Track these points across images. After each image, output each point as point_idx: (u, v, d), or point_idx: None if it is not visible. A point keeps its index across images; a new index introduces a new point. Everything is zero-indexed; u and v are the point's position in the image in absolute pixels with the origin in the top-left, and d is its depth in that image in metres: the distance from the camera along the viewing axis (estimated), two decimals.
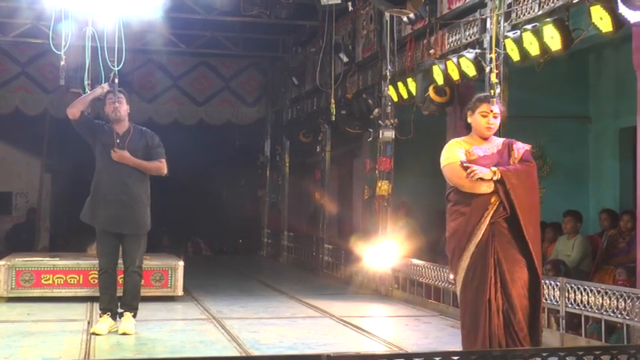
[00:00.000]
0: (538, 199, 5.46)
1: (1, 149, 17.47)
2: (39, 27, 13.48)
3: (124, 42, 7.45)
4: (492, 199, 5.19)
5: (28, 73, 15.87)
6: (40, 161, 17.70)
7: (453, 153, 5.33)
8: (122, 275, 7.34)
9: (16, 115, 15.93)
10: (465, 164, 5.22)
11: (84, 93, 7.92)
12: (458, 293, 5.40)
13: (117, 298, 7.29)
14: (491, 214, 5.18)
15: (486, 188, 5.18)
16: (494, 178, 5.16)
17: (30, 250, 13.66)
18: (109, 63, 7.47)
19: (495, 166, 5.23)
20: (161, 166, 7.33)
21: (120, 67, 7.43)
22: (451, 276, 5.57)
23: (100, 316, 7.22)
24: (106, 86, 7.29)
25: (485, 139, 5.42)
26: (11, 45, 15.29)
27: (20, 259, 9.32)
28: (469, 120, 5.47)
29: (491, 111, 5.40)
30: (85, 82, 7.97)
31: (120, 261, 7.31)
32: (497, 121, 5.44)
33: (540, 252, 5.34)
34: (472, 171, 5.16)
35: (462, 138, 5.50)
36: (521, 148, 5.37)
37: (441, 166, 5.39)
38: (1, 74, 15.79)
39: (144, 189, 7.26)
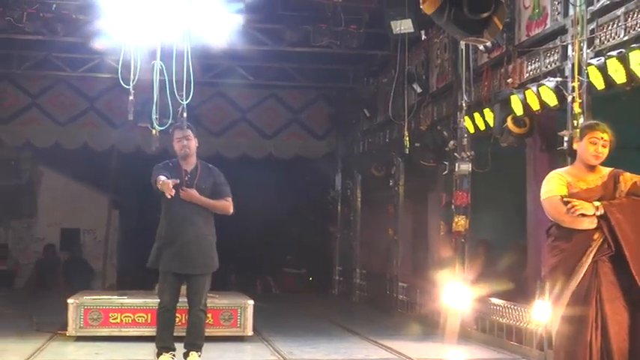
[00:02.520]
0: None
1: (68, 185, 17.89)
2: (107, 61, 13.88)
3: (192, 75, 7.60)
4: (595, 236, 5.10)
5: (96, 108, 16.28)
6: (107, 197, 18.05)
7: (554, 186, 5.25)
8: (186, 314, 7.41)
9: (83, 150, 16.34)
10: (565, 199, 5.13)
11: (152, 128, 8.09)
12: (554, 332, 5.29)
13: (174, 337, 7.36)
14: (594, 252, 5.08)
15: (589, 224, 5.09)
16: (597, 213, 5.06)
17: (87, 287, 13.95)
18: (178, 97, 7.62)
19: (599, 199, 5.13)
20: (228, 205, 7.43)
21: (188, 100, 7.58)
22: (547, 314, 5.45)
23: (159, 355, 7.29)
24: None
25: (591, 168, 5.33)
26: (79, 80, 15.75)
27: (88, 297, 9.51)
28: (575, 146, 5.40)
29: (602, 138, 5.30)
30: (154, 117, 8.13)
31: (183, 299, 7.39)
32: (606, 151, 5.34)
33: None
34: (573, 206, 5.06)
35: (565, 169, 5.44)
36: (628, 179, 5.26)
37: (541, 199, 5.32)
38: (69, 110, 16.23)
39: (211, 227, 7.36)
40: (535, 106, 8.25)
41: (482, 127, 9.66)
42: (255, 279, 18.35)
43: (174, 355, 7.30)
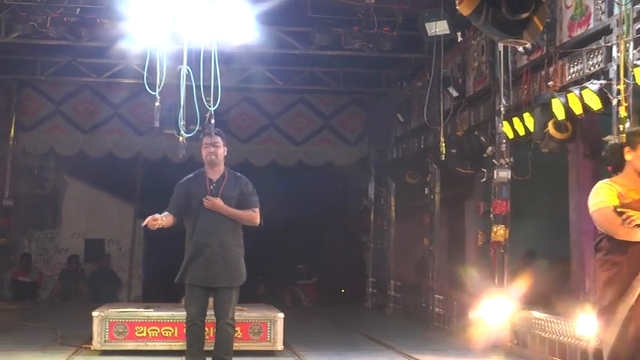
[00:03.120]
0: None
1: (93, 195, 18.02)
2: (132, 67, 13.97)
3: (219, 80, 7.60)
4: None
5: (121, 114, 16.40)
6: (132, 206, 18.14)
7: (605, 196, 5.18)
8: (214, 328, 7.41)
9: (108, 158, 16.46)
10: (619, 209, 5.05)
11: (178, 134, 8.11)
12: (607, 350, 5.20)
13: (204, 352, 7.35)
14: None
15: None
16: None
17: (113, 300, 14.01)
18: (205, 102, 7.63)
19: None
20: (255, 215, 7.40)
21: (216, 106, 7.58)
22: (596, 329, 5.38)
23: None
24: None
25: None
26: (104, 86, 15.89)
27: (114, 310, 9.54)
28: (627, 157, 5.31)
29: None
30: (180, 123, 8.15)
31: (211, 312, 7.39)
32: None
33: None
34: (628, 217, 4.97)
35: (613, 179, 5.36)
36: None
37: (590, 211, 5.25)
38: (94, 116, 16.37)
39: (237, 238, 7.35)
40: (578, 110, 8.17)
41: (521, 132, 9.58)
42: (284, 291, 18.34)
43: None
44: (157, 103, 8.32)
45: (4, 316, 13.13)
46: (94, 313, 9.28)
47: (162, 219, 7.20)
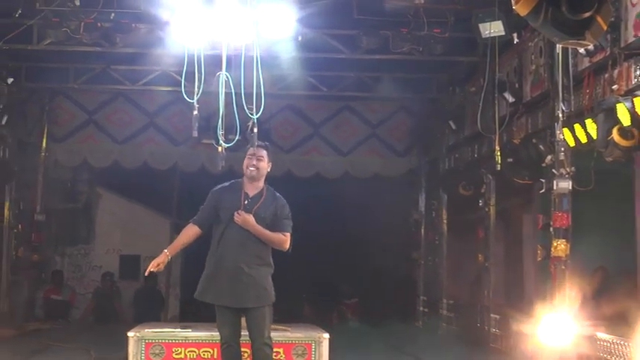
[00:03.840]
0: None
1: (128, 208, 18.18)
2: (169, 73, 14.11)
3: (262, 87, 7.62)
4: None
5: (157, 124, 16.48)
6: (169, 221, 18.27)
7: None
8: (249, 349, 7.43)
9: (144, 170, 16.56)
10: None
11: (217, 144, 8.15)
12: None
13: None
14: None
15: None
16: None
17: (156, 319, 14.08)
18: (247, 110, 7.65)
19: None
20: (284, 240, 7.39)
21: (259, 114, 7.59)
22: None
23: None
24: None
25: None
26: (139, 94, 16.03)
27: (150, 330, 9.58)
28: None
29: None
30: (219, 133, 8.19)
31: (245, 333, 7.40)
32: None
33: None
34: None
35: None
36: None
37: None
38: (129, 126, 16.45)
39: (266, 255, 7.35)
40: None
41: (583, 139, 9.49)
42: (330, 309, 18.32)
43: None
44: (194, 112, 8.36)
45: (36, 336, 13.31)
46: (130, 334, 9.33)
47: (165, 256, 7.26)
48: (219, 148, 8.25)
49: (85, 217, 18.17)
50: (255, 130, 7.53)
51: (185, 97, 8.29)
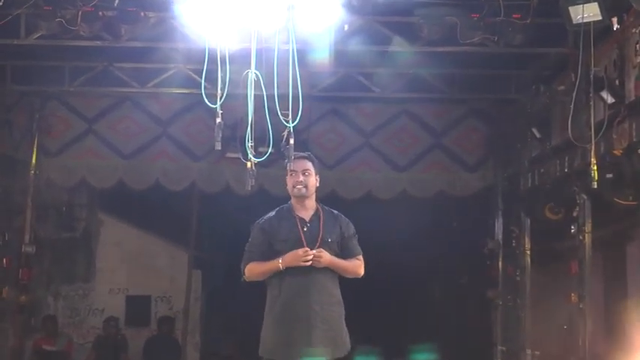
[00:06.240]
0: None
1: (136, 238, 18.30)
2: (185, 72, 14.16)
3: (300, 88, 7.59)
4: None
5: (171, 134, 16.44)
6: (186, 254, 18.32)
7: None
8: None
9: (155, 191, 16.56)
10: None
11: (245, 159, 8.12)
12: None
13: None
14: None
15: None
16: None
17: None
18: (281, 117, 7.63)
19: None
20: (360, 265, 7.47)
21: (296, 122, 7.57)
22: None
23: None
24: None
25: None
26: (149, 97, 16.08)
27: None
28: None
29: None
30: (248, 145, 8.16)
31: None
32: None
33: None
34: None
35: None
36: None
37: None
38: (136, 137, 16.44)
39: (337, 292, 7.35)
40: None
41: None
42: (388, 358, 18.27)
43: None
44: (217, 119, 8.34)
45: None
46: None
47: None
48: (248, 164, 8.21)
49: (84, 250, 18.31)
50: (292, 141, 7.49)
51: (206, 101, 8.29)
